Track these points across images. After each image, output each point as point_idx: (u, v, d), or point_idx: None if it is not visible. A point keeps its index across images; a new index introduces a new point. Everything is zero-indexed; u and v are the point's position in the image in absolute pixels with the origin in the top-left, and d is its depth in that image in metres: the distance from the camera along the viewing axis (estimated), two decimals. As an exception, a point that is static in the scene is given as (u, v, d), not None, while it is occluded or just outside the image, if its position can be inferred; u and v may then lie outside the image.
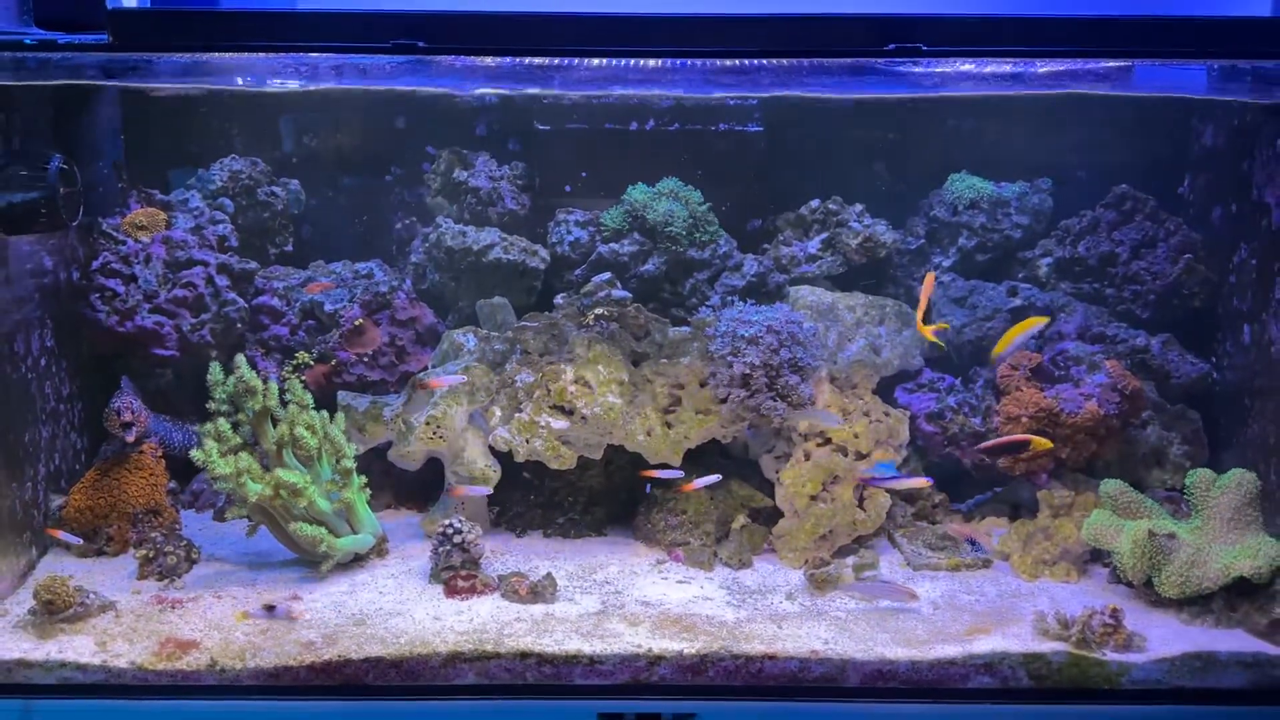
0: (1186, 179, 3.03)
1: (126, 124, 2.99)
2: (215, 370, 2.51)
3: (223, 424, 2.48)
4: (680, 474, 2.58)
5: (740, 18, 2.07)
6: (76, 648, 2.17)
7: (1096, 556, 2.59)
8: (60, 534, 2.55)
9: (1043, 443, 2.48)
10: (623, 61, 2.15)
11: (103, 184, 2.86)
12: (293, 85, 2.57)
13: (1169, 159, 3.04)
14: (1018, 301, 2.93)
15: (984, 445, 2.53)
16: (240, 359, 2.54)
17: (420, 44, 1.97)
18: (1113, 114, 2.92)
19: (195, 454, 2.44)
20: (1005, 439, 2.51)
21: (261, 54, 2.14)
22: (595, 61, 2.14)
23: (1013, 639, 2.23)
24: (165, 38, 2.12)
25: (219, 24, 2.15)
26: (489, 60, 2.12)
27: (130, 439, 2.64)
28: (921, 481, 2.60)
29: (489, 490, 2.70)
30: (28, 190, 2.33)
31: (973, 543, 2.59)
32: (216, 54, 2.14)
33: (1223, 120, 2.87)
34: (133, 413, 2.65)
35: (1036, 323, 2.63)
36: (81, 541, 2.58)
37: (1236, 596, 2.29)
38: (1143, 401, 2.73)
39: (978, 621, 2.31)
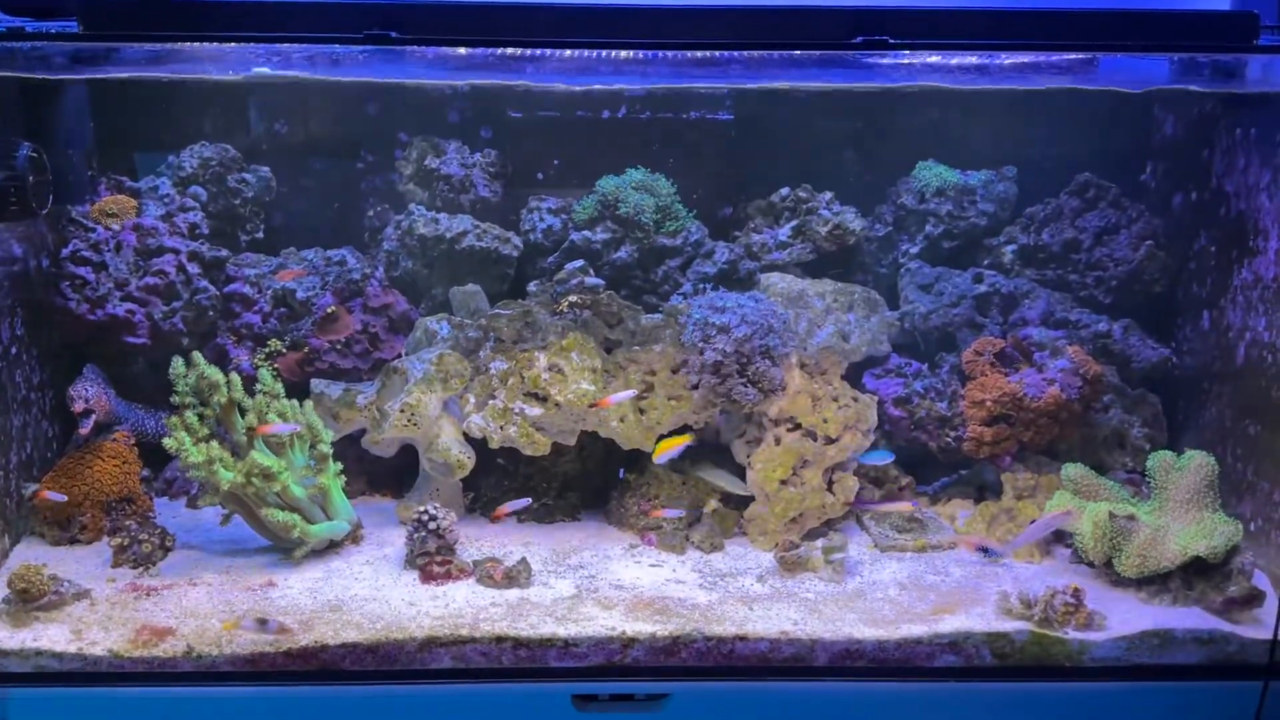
0: (1148, 167, 3.08)
1: (95, 110, 2.96)
2: (177, 364, 2.50)
3: (190, 416, 2.48)
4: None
5: (711, 9, 2.09)
6: (51, 636, 2.17)
7: (1059, 537, 2.64)
8: (49, 494, 2.53)
9: None
10: (595, 53, 2.16)
11: (71, 171, 2.84)
12: (264, 73, 2.56)
13: (1131, 147, 3.09)
14: (983, 288, 2.97)
15: None
16: (196, 355, 2.53)
17: (393, 34, 1.98)
18: (1076, 103, 2.95)
19: (168, 442, 2.43)
20: None
21: (234, 44, 2.13)
22: (568, 53, 2.15)
23: (977, 618, 2.28)
24: (136, 26, 2.10)
25: (190, 12, 2.13)
26: (462, 50, 2.12)
27: (85, 430, 2.61)
28: (904, 505, 2.69)
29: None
30: (-4, 178, 2.32)
31: (985, 550, 2.59)
32: (188, 43, 2.12)
33: (1184, 110, 2.92)
34: (86, 401, 2.62)
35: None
36: (66, 499, 2.57)
37: (1193, 575, 2.35)
38: (1104, 386, 2.79)
39: (943, 601, 2.36)
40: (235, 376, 2.54)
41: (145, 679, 2.14)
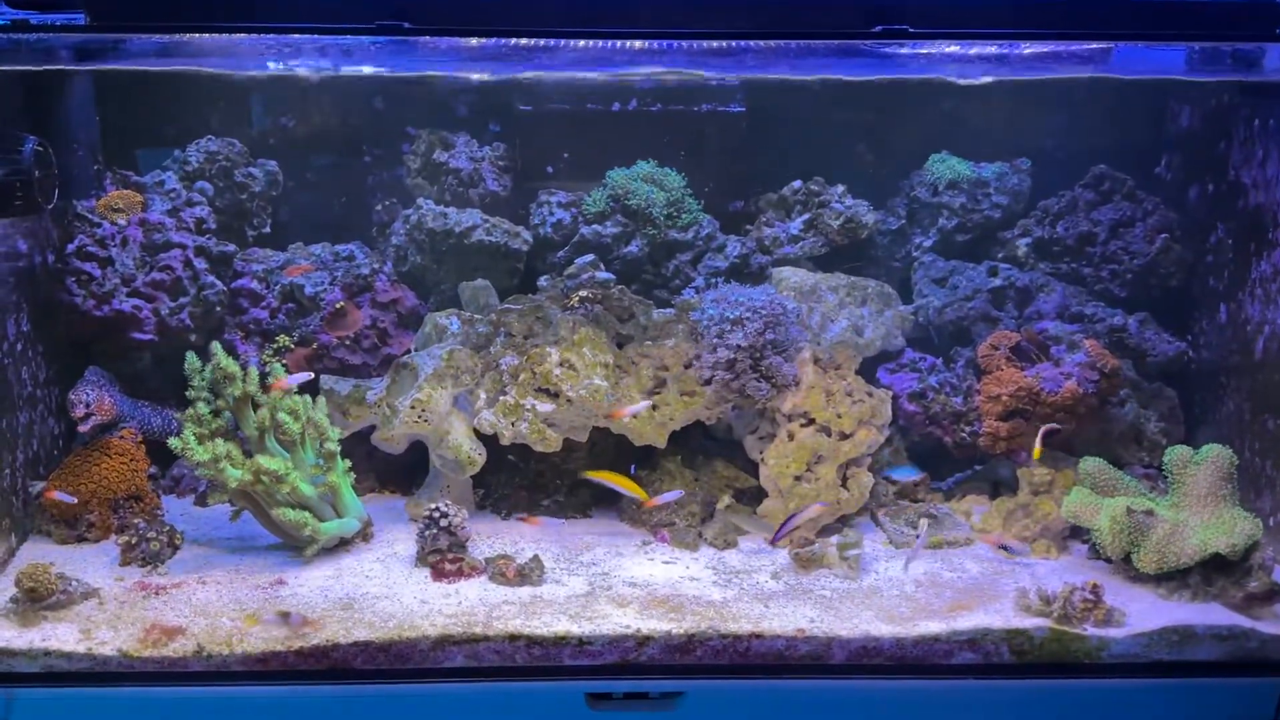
0: (1164, 159, 3.05)
1: (101, 104, 2.93)
2: (191, 359, 2.48)
3: (202, 408, 2.46)
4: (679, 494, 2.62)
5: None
6: (60, 635, 2.15)
7: (1076, 533, 2.62)
8: (59, 495, 2.51)
9: None
10: (608, 43, 2.13)
11: (77, 166, 2.81)
12: (275, 67, 2.53)
13: (1147, 139, 3.06)
14: (998, 281, 2.95)
15: None
16: (216, 346, 2.51)
17: (405, 25, 1.95)
18: (1091, 94, 2.93)
19: (173, 442, 2.41)
20: None
21: (243, 35, 2.10)
22: (580, 43, 2.13)
23: (995, 615, 2.26)
24: (143, 17, 2.08)
25: (198, 3, 2.11)
26: (474, 41, 2.09)
27: (85, 430, 2.60)
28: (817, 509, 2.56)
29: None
30: (2, 174, 2.29)
31: (1006, 547, 2.55)
32: (196, 35, 2.09)
33: (1200, 101, 2.89)
34: (86, 405, 2.60)
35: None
36: (76, 501, 2.55)
37: (1213, 571, 2.32)
38: (1120, 380, 2.76)
39: (960, 598, 2.34)
40: (253, 370, 2.51)
41: (155, 679, 2.12)
